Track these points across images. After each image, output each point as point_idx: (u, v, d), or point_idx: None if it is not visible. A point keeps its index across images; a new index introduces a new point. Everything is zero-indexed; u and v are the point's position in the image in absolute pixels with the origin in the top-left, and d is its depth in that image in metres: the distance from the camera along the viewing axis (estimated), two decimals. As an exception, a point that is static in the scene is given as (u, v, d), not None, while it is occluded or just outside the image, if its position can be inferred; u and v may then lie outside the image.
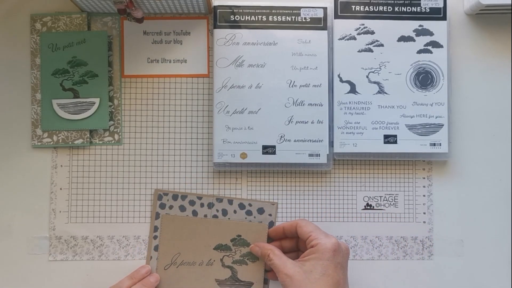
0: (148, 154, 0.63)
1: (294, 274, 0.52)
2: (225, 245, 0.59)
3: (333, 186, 0.63)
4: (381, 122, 0.62)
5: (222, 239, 0.59)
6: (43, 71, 0.62)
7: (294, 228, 0.58)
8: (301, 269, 0.53)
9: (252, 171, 0.63)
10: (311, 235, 0.55)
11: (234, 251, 0.59)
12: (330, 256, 0.53)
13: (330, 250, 0.53)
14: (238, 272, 0.59)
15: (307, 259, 0.54)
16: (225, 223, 0.60)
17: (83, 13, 0.63)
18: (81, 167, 0.63)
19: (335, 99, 0.62)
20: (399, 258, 0.63)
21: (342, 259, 0.54)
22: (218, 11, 0.62)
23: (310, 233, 0.56)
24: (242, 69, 0.61)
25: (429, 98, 0.62)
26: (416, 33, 0.62)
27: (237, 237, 0.59)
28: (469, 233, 0.63)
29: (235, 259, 0.59)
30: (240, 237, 0.59)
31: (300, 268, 0.53)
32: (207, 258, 0.59)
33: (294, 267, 0.53)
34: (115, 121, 0.63)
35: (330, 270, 0.52)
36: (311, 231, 0.56)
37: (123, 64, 0.63)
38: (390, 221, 0.63)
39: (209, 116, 0.63)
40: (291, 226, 0.58)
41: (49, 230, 0.62)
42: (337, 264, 0.53)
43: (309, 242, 0.55)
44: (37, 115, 0.62)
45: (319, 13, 0.62)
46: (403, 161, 0.64)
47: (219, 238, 0.60)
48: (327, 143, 0.61)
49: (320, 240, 0.54)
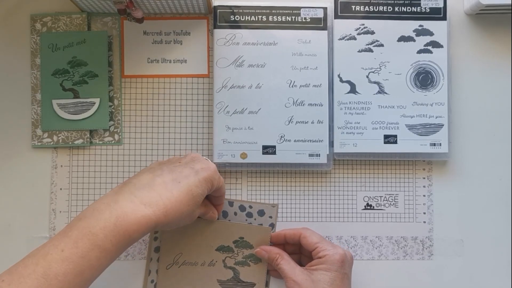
0: (148, 154, 0.63)
1: (303, 282, 0.53)
2: (228, 246, 0.59)
3: (333, 186, 0.63)
4: (381, 122, 0.62)
5: (225, 241, 0.59)
6: (43, 71, 0.62)
7: (297, 237, 0.58)
8: (309, 278, 0.54)
9: (252, 171, 0.63)
10: (318, 246, 0.56)
11: (237, 252, 0.59)
12: (338, 267, 0.54)
13: (338, 261, 0.54)
14: (240, 273, 0.59)
15: (315, 268, 0.54)
16: (228, 225, 0.60)
17: (83, 13, 0.63)
18: (81, 167, 0.63)
19: (335, 99, 0.62)
20: (399, 258, 0.63)
21: (348, 269, 0.56)
22: (218, 11, 0.62)
23: (316, 244, 0.56)
24: (242, 69, 0.61)
25: (429, 98, 0.62)
26: (416, 33, 0.62)
27: (239, 239, 0.59)
28: (469, 233, 0.63)
29: (237, 260, 0.59)
30: (242, 239, 0.59)
31: (308, 277, 0.54)
32: (209, 258, 0.59)
33: (303, 274, 0.54)
34: (115, 121, 0.63)
35: (338, 281, 0.54)
36: (317, 242, 0.56)
37: (123, 64, 0.63)
38: (390, 221, 0.63)
39: (209, 116, 0.63)
40: (294, 235, 0.58)
41: (49, 230, 0.62)
42: (344, 274, 0.55)
43: (316, 253, 0.56)
44: (37, 115, 0.62)
45: (319, 13, 0.62)
46: (403, 161, 0.64)
47: (221, 240, 0.59)
48: (327, 143, 0.61)
49: (328, 252, 0.55)
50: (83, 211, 0.46)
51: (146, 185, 0.48)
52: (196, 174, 0.51)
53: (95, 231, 0.44)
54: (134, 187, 0.48)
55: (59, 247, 0.43)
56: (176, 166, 0.51)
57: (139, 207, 0.46)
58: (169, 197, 0.47)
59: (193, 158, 0.53)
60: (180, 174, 0.50)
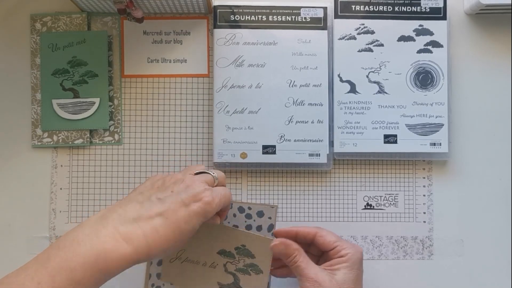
0: (148, 154, 0.63)
1: (325, 282, 0.51)
2: (229, 252, 0.58)
3: (333, 186, 0.63)
4: (381, 122, 0.62)
5: (226, 246, 0.58)
6: (43, 71, 0.62)
7: (311, 236, 0.56)
8: (332, 278, 0.52)
9: (252, 171, 0.63)
10: (338, 244, 0.54)
11: (238, 259, 0.58)
12: (359, 266, 0.54)
13: (359, 260, 0.54)
14: (241, 281, 0.58)
15: (337, 268, 0.53)
16: (230, 230, 0.58)
17: (83, 13, 0.63)
18: (81, 167, 0.63)
19: (335, 99, 0.62)
20: (399, 258, 0.63)
21: (362, 269, 0.55)
22: (218, 11, 0.62)
23: (335, 243, 0.55)
24: (242, 69, 0.61)
25: (429, 98, 0.62)
26: (416, 33, 0.62)
27: (241, 247, 0.57)
28: (469, 233, 0.63)
29: (238, 267, 0.58)
30: (244, 247, 0.57)
31: (331, 277, 0.52)
32: (210, 260, 0.58)
33: (323, 274, 0.52)
34: (115, 121, 0.63)
35: (359, 279, 0.53)
36: (336, 241, 0.55)
37: (123, 64, 0.63)
38: (390, 221, 0.63)
39: (209, 116, 0.63)
40: (308, 233, 0.56)
41: (49, 230, 0.62)
42: (361, 273, 0.54)
43: (336, 253, 0.54)
44: (37, 115, 0.62)
45: (319, 13, 0.62)
46: (403, 161, 0.64)
47: (223, 244, 0.58)
48: (327, 143, 0.61)
49: (349, 250, 0.54)
50: (62, 238, 0.44)
51: (131, 220, 0.45)
52: (187, 208, 0.46)
53: (73, 266, 0.41)
54: (118, 221, 0.45)
55: (35, 279, 0.40)
56: (167, 197, 0.47)
57: (122, 245, 0.43)
58: (154, 236, 0.44)
59: (188, 185, 0.48)
60: (169, 208, 0.46)
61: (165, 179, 0.50)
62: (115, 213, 0.45)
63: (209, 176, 0.51)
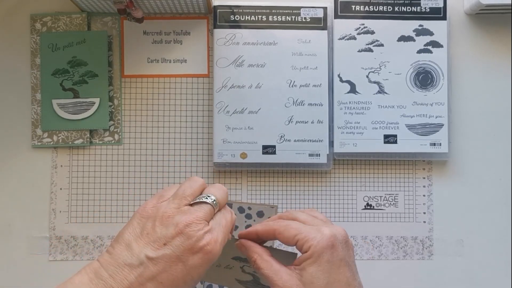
0: (148, 154, 0.63)
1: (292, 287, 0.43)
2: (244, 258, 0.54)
3: (333, 186, 0.63)
4: (381, 122, 0.62)
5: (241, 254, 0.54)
6: (43, 71, 0.62)
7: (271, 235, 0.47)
8: (300, 281, 0.43)
9: (252, 171, 0.63)
10: (299, 238, 0.44)
11: None
12: (329, 256, 0.43)
13: (327, 248, 0.43)
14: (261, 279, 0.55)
15: (303, 267, 0.43)
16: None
17: (83, 13, 0.63)
18: (81, 167, 0.63)
19: (335, 99, 0.62)
20: (399, 258, 0.63)
21: (343, 253, 0.44)
22: (218, 11, 0.62)
23: (296, 237, 0.44)
24: (242, 69, 0.61)
25: (429, 98, 0.62)
26: (416, 33, 0.62)
27: None
28: (469, 233, 0.63)
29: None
30: None
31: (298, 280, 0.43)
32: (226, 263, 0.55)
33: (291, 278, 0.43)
34: (115, 121, 0.63)
35: (334, 274, 0.43)
36: (296, 235, 0.44)
37: (123, 64, 0.63)
38: (390, 221, 0.63)
39: (209, 116, 0.63)
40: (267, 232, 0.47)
41: (49, 230, 0.62)
42: (340, 261, 0.43)
43: (299, 248, 0.44)
44: (37, 115, 0.62)
45: (319, 13, 0.62)
46: (403, 161, 0.64)
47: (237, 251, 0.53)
48: (327, 143, 0.61)
49: (312, 241, 0.43)
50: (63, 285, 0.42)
51: None
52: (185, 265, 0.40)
53: None
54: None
55: None
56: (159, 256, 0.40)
57: None
58: None
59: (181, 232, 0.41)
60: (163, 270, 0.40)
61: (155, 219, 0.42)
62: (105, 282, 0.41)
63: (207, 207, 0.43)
